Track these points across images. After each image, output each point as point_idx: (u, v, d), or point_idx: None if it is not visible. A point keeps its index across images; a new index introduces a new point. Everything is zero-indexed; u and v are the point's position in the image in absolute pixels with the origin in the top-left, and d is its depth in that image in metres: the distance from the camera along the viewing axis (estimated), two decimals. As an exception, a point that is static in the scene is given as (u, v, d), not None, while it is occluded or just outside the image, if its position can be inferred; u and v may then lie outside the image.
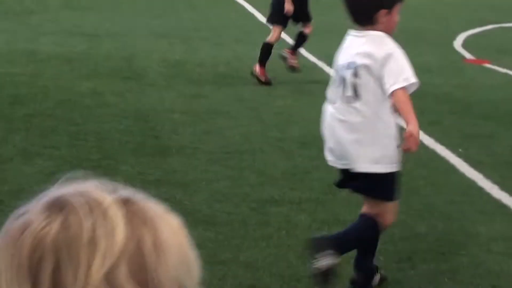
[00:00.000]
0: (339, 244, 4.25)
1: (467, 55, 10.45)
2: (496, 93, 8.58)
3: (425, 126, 7.16)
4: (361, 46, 4.25)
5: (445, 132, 7.10)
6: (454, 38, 11.53)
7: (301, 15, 9.05)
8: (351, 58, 4.27)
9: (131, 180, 5.57)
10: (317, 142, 6.58)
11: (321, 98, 7.87)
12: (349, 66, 4.25)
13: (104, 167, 5.81)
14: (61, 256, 0.90)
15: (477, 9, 14.54)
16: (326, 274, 4.15)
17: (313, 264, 4.14)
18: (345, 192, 5.53)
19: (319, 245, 4.22)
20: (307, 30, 9.17)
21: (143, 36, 11.24)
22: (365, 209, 4.46)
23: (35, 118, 7.08)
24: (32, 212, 0.94)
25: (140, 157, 6.14)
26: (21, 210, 0.96)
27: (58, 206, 0.93)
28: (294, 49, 9.14)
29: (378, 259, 4.54)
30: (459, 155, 6.47)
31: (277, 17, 8.96)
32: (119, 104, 7.70)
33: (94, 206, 0.92)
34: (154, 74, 9.07)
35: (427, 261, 4.58)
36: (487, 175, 5.98)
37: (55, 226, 0.90)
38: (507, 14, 13.69)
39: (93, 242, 0.89)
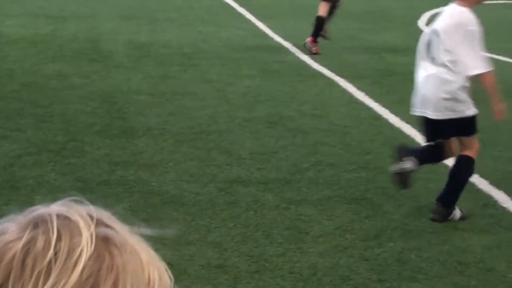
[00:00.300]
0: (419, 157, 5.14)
1: (433, 35, 10.43)
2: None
3: (390, 104, 7.20)
4: None
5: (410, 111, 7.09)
6: (418, 17, 11.53)
7: None
8: None
9: (97, 162, 5.57)
10: (284, 122, 6.60)
11: (287, 78, 7.91)
12: None
13: (70, 149, 5.77)
14: (13, 272, 0.85)
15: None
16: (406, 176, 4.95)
17: (397, 165, 4.92)
18: (312, 172, 5.55)
19: (405, 152, 5.10)
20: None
21: (109, 18, 11.13)
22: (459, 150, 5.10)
23: (0, 101, 7.00)
24: (14, 222, 0.90)
25: (107, 139, 6.08)
26: (10, 216, 0.91)
27: (37, 223, 0.88)
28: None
29: (345, 238, 4.55)
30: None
31: None
32: (85, 86, 7.61)
33: (69, 234, 0.87)
34: (120, 56, 8.99)
35: (393, 239, 4.59)
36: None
37: (22, 241, 0.86)
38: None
39: (49, 268, 0.84)
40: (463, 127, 5.02)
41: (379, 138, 6.34)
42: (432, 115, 5.02)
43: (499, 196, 5.26)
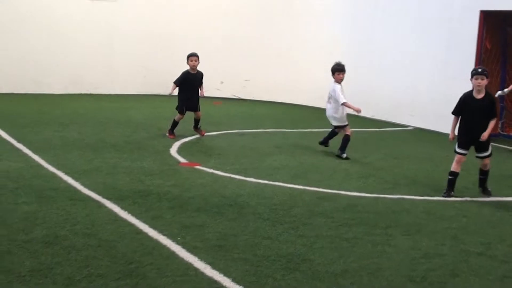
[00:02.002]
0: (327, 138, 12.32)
1: (182, 160, 10.73)
2: (205, 189, 8.89)
3: (148, 220, 7.34)
4: None
5: (167, 224, 7.25)
6: (170, 146, 11.83)
7: None
8: None
9: None
10: (59, 240, 6.54)
11: (61, 202, 7.85)
12: None
13: None
14: None
15: (187, 122, 14.97)
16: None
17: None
18: (84, 283, 5.51)
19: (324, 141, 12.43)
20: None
21: None
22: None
23: None
24: None
25: None
26: None
27: None
28: None
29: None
30: (178, 242, 6.65)
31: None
32: None
33: None
34: None
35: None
36: (201, 258, 6.22)
37: None
38: (210, 125, 14.24)
39: None
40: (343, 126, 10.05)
41: (140, 249, 6.43)
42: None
43: None
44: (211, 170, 10.03)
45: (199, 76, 13.32)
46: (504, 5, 14.20)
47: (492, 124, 9.06)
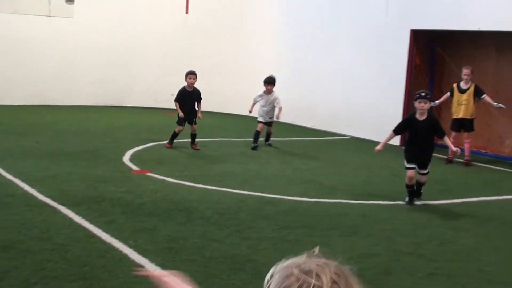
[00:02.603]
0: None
1: (134, 167, 10.63)
2: (156, 195, 8.82)
3: (102, 225, 7.24)
4: None
5: (119, 229, 7.17)
6: (123, 154, 11.71)
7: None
8: None
9: None
10: (16, 245, 6.40)
11: (18, 209, 7.68)
12: None
13: None
14: None
15: (140, 131, 14.92)
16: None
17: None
18: (39, 286, 5.40)
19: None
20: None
21: None
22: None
23: None
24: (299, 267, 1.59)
25: None
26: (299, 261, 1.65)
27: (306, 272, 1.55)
28: None
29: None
30: (130, 246, 6.58)
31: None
32: None
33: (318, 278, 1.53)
34: None
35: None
36: (152, 260, 6.16)
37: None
38: (161, 135, 14.16)
39: None
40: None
41: (94, 253, 6.34)
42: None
43: None
44: (161, 177, 9.95)
45: (195, 93, 13.56)
46: (432, 25, 14.44)
47: (446, 140, 9.36)
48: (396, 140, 14.89)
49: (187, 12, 19.40)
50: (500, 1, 13.08)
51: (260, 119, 13.81)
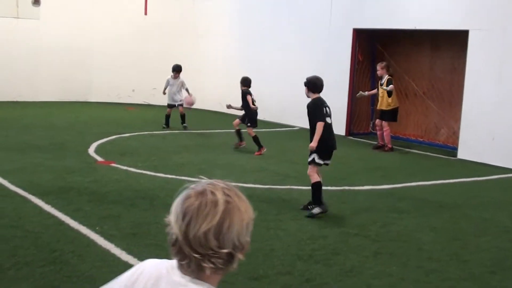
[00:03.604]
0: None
1: (99, 158, 10.51)
2: (120, 184, 8.74)
3: (70, 212, 7.14)
4: None
5: (86, 216, 7.09)
6: (88, 146, 11.57)
7: None
8: None
9: None
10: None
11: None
12: None
13: None
14: (193, 213, 1.74)
15: (103, 125, 14.77)
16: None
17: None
18: (12, 271, 5.30)
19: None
20: None
21: None
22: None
23: None
24: (193, 189, 1.80)
25: None
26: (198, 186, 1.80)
27: (201, 192, 1.78)
28: None
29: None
30: (97, 232, 6.51)
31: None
32: None
33: (213, 195, 1.78)
34: None
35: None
36: (117, 245, 6.11)
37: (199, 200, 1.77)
38: (124, 128, 14.03)
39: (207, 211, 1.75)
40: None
41: (63, 239, 6.26)
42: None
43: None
44: (125, 167, 9.86)
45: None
46: (373, 24, 14.58)
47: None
48: (342, 130, 15.04)
49: (145, 14, 19.21)
50: (434, 3, 13.27)
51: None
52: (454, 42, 13.86)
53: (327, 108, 7.98)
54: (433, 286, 5.59)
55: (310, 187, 7.90)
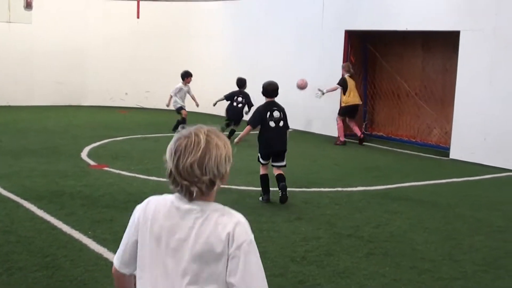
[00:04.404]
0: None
1: (92, 162, 10.48)
2: (113, 188, 8.72)
3: (62, 217, 7.11)
4: None
5: (79, 220, 7.06)
6: (81, 150, 11.54)
7: None
8: None
9: None
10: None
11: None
12: None
13: None
14: (182, 150, 2.25)
15: (96, 129, 14.74)
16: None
17: None
18: (5, 276, 5.27)
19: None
20: None
21: None
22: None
23: None
24: (182, 133, 2.32)
25: None
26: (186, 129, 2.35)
27: (188, 134, 2.31)
28: None
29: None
30: (89, 236, 6.48)
31: None
32: None
33: (197, 136, 2.28)
34: None
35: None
36: (110, 249, 6.07)
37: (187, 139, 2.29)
38: (116, 131, 14.00)
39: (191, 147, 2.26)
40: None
41: (56, 243, 6.23)
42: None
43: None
44: (117, 171, 9.83)
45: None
46: (364, 25, 14.58)
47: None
48: (335, 131, 15.04)
49: (138, 17, 19.19)
50: (425, 4, 13.28)
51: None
52: (446, 43, 13.88)
53: (274, 112, 8.20)
54: (426, 286, 5.58)
55: (301, 188, 7.96)
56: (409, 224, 7.59)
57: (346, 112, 14.29)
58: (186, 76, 14.84)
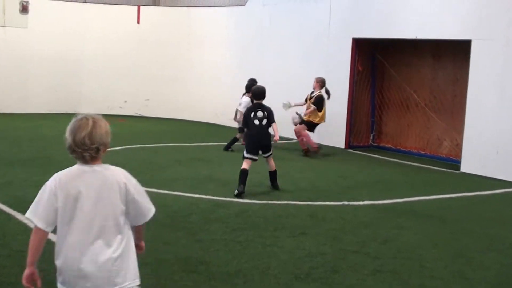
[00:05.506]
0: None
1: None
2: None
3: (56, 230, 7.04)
4: None
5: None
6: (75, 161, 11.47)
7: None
8: None
9: None
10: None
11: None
12: None
13: None
14: (77, 128, 3.56)
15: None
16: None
17: None
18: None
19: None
20: None
21: None
22: None
23: None
24: (77, 119, 3.60)
25: None
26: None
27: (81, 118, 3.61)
28: None
29: None
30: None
31: None
32: None
33: (87, 119, 3.60)
34: None
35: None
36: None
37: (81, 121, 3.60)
38: (115, 141, 13.96)
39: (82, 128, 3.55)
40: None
41: (49, 258, 6.05)
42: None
43: None
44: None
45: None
46: (372, 33, 14.59)
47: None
48: (341, 142, 15.02)
49: (138, 22, 19.23)
50: (435, 12, 13.29)
51: None
52: (457, 52, 13.88)
53: (258, 112, 9.94)
54: (435, 306, 5.53)
55: (306, 202, 7.97)
56: (417, 240, 7.55)
57: (310, 126, 14.04)
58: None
